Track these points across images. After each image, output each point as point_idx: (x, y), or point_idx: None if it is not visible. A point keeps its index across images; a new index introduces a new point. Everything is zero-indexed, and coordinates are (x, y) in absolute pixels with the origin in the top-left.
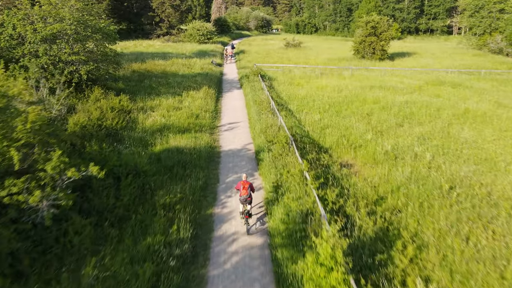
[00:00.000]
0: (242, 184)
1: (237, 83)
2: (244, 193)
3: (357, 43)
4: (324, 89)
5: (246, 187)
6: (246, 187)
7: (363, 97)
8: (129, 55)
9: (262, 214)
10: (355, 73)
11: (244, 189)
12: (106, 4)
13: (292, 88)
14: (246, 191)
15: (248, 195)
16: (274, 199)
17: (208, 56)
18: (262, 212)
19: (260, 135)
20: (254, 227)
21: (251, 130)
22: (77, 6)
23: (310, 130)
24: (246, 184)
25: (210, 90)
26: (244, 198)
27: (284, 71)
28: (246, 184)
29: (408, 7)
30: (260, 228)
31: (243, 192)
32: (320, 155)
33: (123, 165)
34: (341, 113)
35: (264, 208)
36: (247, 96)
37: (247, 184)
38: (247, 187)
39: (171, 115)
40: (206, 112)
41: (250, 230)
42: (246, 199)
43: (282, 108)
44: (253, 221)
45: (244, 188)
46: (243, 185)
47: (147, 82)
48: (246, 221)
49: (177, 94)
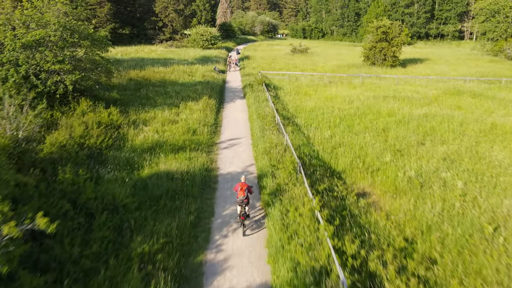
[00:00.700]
0: (240, 186)
1: (240, 92)
2: (241, 194)
3: (367, 49)
4: (334, 99)
5: (243, 189)
6: (244, 188)
7: (377, 109)
8: (128, 61)
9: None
10: (366, 81)
11: (242, 191)
12: (108, 8)
13: (299, 99)
14: (243, 192)
15: (245, 197)
16: (279, 247)
17: (211, 62)
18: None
19: (264, 156)
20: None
21: (253, 149)
22: (64, 10)
23: (320, 149)
24: (244, 186)
25: (211, 101)
26: (241, 199)
27: (291, 79)
28: (244, 186)
29: (418, 12)
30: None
31: (241, 193)
32: (332, 181)
33: (99, 198)
34: (353, 128)
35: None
36: (251, 107)
37: (245, 186)
38: (245, 189)
39: (165, 130)
40: (205, 126)
41: (246, 232)
42: (243, 200)
43: (288, 123)
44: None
45: (241, 189)
46: (241, 186)
47: (144, 91)
48: (242, 223)
49: (174, 105)
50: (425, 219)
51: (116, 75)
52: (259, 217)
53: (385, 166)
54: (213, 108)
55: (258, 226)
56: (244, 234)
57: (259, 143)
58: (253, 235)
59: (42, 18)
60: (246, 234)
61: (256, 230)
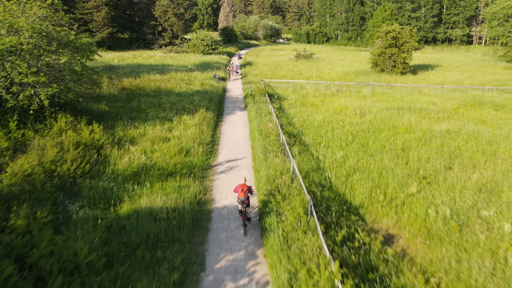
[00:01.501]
0: (240, 187)
1: (241, 103)
2: (242, 195)
3: (376, 55)
4: (344, 111)
5: (244, 190)
6: (245, 190)
7: (392, 123)
8: (124, 68)
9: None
10: (376, 90)
11: (242, 192)
12: (105, 12)
13: (306, 111)
14: (244, 193)
15: (246, 198)
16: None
17: (211, 68)
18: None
19: (267, 186)
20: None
21: (255, 174)
22: (40, 14)
23: (332, 176)
24: (245, 187)
25: (208, 114)
26: (242, 200)
27: (295, 87)
28: (244, 187)
29: (426, 16)
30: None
31: (241, 194)
32: (350, 220)
33: (56, 254)
34: (368, 147)
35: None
36: (252, 121)
37: (245, 187)
38: (246, 190)
39: (155, 150)
40: (200, 145)
41: (248, 233)
42: (244, 201)
43: (294, 141)
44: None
45: (242, 191)
46: (242, 188)
47: (136, 102)
48: (244, 223)
49: (167, 119)
50: (473, 280)
51: (107, 84)
52: (262, 272)
53: (411, 199)
54: (210, 123)
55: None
56: (246, 234)
57: (261, 168)
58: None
59: (14, 23)
60: (248, 234)
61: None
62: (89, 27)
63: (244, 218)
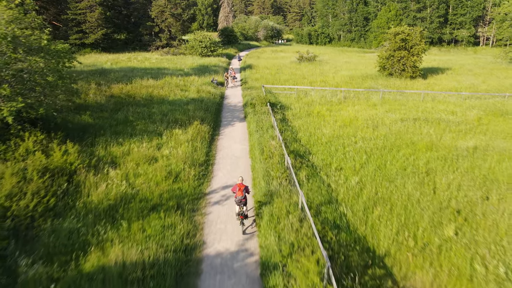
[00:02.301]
0: (238, 186)
1: (240, 111)
2: (239, 194)
3: (384, 58)
4: (353, 123)
5: (241, 189)
6: (242, 189)
7: (410, 138)
8: (116, 72)
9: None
10: (386, 97)
11: (240, 191)
12: (98, 12)
13: (312, 122)
14: (241, 193)
15: (243, 197)
16: None
17: (209, 72)
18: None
19: (270, 231)
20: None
21: (256, 209)
22: (6, 16)
23: (348, 211)
24: (242, 187)
25: (203, 127)
26: (239, 199)
27: (299, 94)
28: (242, 187)
29: (431, 16)
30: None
31: (239, 193)
32: (375, 279)
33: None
34: (386, 169)
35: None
36: (252, 135)
37: (242, 186)
38: (243, 189)
39: (139, 174)
40: (192, 166)
41: (246, 231)
42: (241, 200)
43: (301, 163)
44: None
45: (240, 190)
46: (239, 187)
47: (123, 113)
48: (242, 222)
49: (157, 133)
50: None
51: (94, 91)
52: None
53: (448, 244)
54: (205, 137)
55: None
56: (244, 232)
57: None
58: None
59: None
60: (246, 232)
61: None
62: (82, 28)
63: (242, 217)
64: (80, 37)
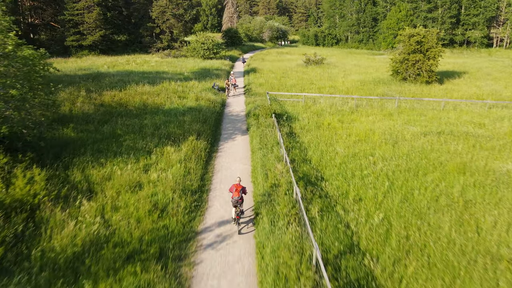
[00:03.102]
0: (235, 187)
1: (242, 122)
2: (236, 195)
3: (398, 61)
4: (370, 137)
5: (238, 190)
6: (239, 189)
7: (436, 157)
8: (112, 76)
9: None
10: (402, 105)
11: (237, 192)
12: (96, 13)
13: (323, 137)
14: (238, 193)
15: (240, 197)
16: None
17: (210, 77)
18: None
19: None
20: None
21: (257, 260)
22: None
23: (376, 267)
24: (239, 187)
25: (199, 143)
26: (236, 200)
27: (307, 102)
28: (239, 187)
29: (443, 17)
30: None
31: (235, 194)
32: None
33: None
34: (414, 200)
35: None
36: (255, 153)
37: (239, 187)
38: (240, 190)
39: (118, 207)
40: (183, 195)
41: (242, 230)
42: (238, 201)
43: (312, 192)
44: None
45: (236, 190)
46: (236, 187)
47: (111, 125)
48: (237, 222)
49: (146, 151)
50: None
51: (83, 99)
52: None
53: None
54: (201, 155)
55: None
56: (240, 232)
57: (267, 251)
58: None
59: None
60: (242, 232)
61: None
62: (79, 29)
63: (238, 217)
64: (77, 39)
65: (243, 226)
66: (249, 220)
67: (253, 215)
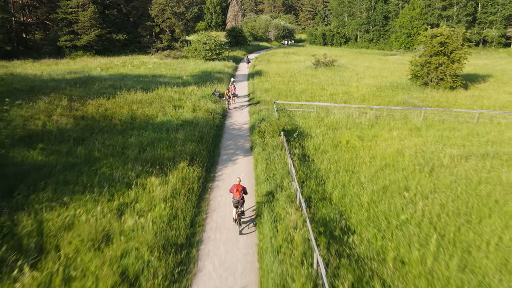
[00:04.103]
0: (236, 187)
1: (246, 139)
2: (237, 195)
3: (419, 65)
4: (398, 161)
5: (239, 190)
6: (240, 190)
7: (489, 192)
8: (103, 81)
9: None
10: (429, 116)
11: (238, 192)
12: (91, 11)
13: (342, 160)
14: (239, 193)
15: (241, 197)
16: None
17: (211, 81)
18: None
19: None
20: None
21: None
22: None
23: None
24: (240, 187)
25: (193, 171)
26: (237, 200)
27: (319, 112)
28: (239, 188)
29: (458, 15)
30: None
31: (236, 194)
32: None
33: None
34: (477, 267)
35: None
36: (260, 187)
37: (240, 187)
38: (240, 190)
39: (71, 278)
40: (163, 258)
41: (243, 231)
42: (239, 201)
43: (339, 256)
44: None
45: (237, 191)
46: (237, 188)
47: (89, 145)
48: (239, 222)
49: (125, 184)
50: None
51: (61, 111)
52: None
53: None
54: (193, 189)
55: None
56: (241, 232)
57: None
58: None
59: None
60: (243, 233)
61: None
62: (73, 29)
63: (239, 217)
64: (71, 39)
65: (244, 227)
66: (249, 221)
67: (254, 215)
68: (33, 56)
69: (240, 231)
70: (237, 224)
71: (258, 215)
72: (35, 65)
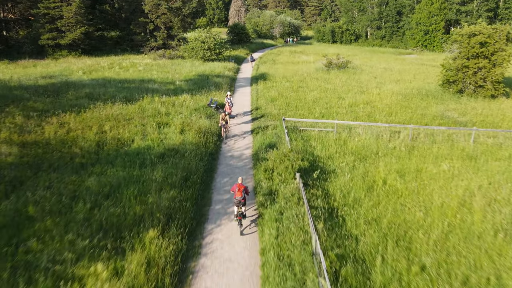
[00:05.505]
0: (237, 187)
1: (247, 173)
2: (238, 195)
3: (453, 69)
4: (469, 224)
5: (241, 190)
6: (241, 189)
7: None
8: (82, 87)
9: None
10: (480, 139)
11: (239, 191)
12: (76, 6)
13: (386, 222)
14: (241, 193)
15: (242, 197)
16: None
17: (208, 87)
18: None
19: None
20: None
21: None
22: None
23: None
24: (242, 187)
25: (165, 245)
26: (238, 200)
27: (340, 133)
28: (241, 187)
29: (479, 10)
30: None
31: (238, 194)
32: None
33: None
34: None
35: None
36: (268, 282)
37: (242, 187)
38: (242, 190)
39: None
40: None
41: (244, 231)
42: (240, 201)
43: None
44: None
45: (239, 190)
46: (239, 187)
47: (24, 194)
48: (240, 223)
49: (52, 277)
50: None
51: (6, 135)
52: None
53: None
54: (163, 280)
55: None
56: (242, 233)
57: None
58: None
59: None
60: (244, 233)
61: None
62: (57, 26)
63: (240, 218)
64: (53, 37)
65: (245, 227)
66: (250, 221)
67: (255, 215)
68: (11, 56)
69: (241, 232)
70: (238, 225)
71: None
72: (9, 67)
